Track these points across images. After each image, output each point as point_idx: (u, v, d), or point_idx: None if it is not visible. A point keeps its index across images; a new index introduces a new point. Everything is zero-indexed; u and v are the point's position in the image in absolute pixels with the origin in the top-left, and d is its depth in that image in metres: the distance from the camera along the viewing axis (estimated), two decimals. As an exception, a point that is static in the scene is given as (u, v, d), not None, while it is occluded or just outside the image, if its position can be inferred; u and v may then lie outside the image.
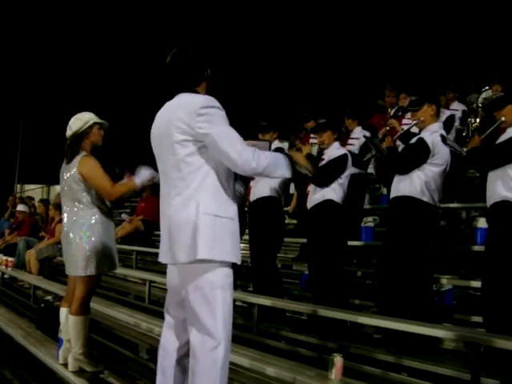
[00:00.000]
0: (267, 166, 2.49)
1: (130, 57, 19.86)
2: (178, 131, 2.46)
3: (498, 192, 3.72)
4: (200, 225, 2.41)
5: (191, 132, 2.44)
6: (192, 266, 2.45)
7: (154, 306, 5.87)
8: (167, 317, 2.71)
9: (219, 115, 2.47)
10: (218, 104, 2.49)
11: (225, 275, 2.50)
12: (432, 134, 4.12)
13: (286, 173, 2.60)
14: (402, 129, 4.59)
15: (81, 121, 3.83)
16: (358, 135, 6.34)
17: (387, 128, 4.50)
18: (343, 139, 6.09)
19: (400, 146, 4.89)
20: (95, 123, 3.88)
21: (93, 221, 3.78)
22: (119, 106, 18.84)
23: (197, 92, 2.61)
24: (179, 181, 2.49)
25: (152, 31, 19.01)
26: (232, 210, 2.53)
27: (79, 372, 3.79)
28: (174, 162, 2.50)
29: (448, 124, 5.93)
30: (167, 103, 2.66)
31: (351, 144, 6.40)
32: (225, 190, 2.52)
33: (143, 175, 3.72)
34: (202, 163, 2.47)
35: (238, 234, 2.56)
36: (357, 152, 6.24)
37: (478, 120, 7.56)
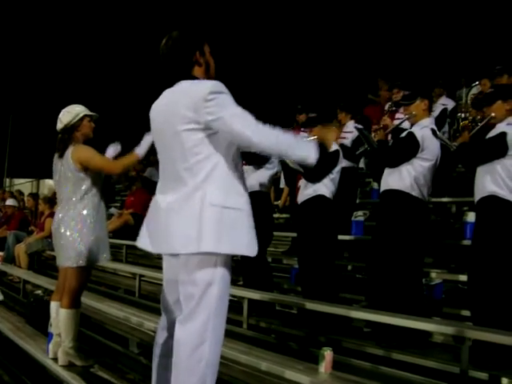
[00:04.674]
0: (286, 143, 2.36)
1: (119, 50, 19.73)
2: (183, 120, 2.32)
3: (486, 187, 3.75)
4: (206, 216, 2.27)
5: (199, 119, 2.29)
6: (191, 259, 2.33)
7: (144, 300, 5.83)
8: (162, 315, 2.60)
9: (229, 99, 2.33)
10: (226, 89, 2.34)
11: (224, 271, 2.37)
12: (422, 129, 4.12)
13: (309, 155, 2.39)
14: (394, 124, 4.59)
15: (71, 114, 3.82)
16: (351, 129, 6.33)
17: (380, 126, 4.51)
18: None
19: (391, 141, 4.89)
20: (85, 115, 3.87)
21: (84, 212, 3.76)
22: (108, 99, 18.72)
23: (196, 78, 2.46)
24: (185, 171, 2.35)
25: (142, 25, 18.89)
26: (242, 200, 2.39)
27: (69, 366, 3.79)
28: (180, 153, 2.35)
29: (441, 118, 5.93)
30: (165, 92, 2.51)
31: (344, 137, 6.40)
32: (235, 179, 2.39)
33: (142, 144, 3.68)
34: (210, 152, 2.33)
35: (251, 225, 2.39)
36: (349, 145, 6.25)
37: (467, 115, 7.57)
